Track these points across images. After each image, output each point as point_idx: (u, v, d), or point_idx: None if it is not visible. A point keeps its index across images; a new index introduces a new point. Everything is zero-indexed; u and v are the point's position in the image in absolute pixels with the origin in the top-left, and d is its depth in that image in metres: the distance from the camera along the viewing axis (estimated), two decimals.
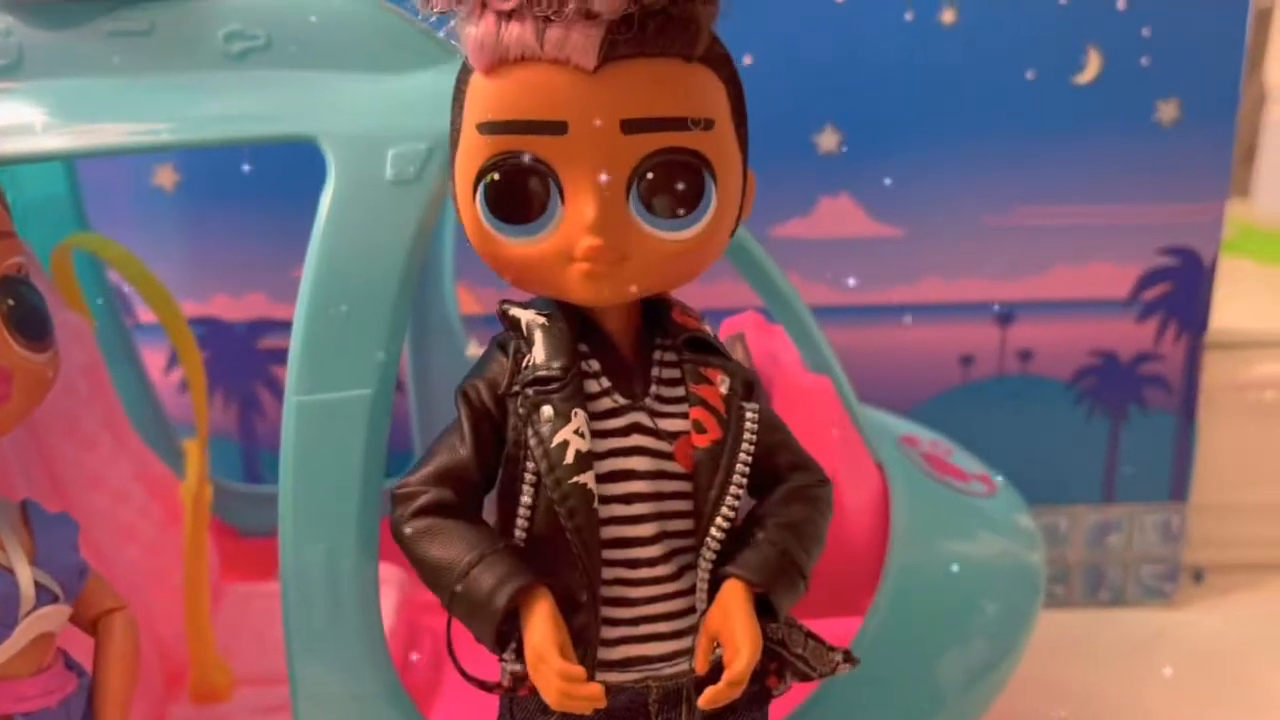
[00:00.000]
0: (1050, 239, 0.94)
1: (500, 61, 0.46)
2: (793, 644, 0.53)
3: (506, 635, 0.50)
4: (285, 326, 0.93)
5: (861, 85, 0.90)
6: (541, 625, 0.48)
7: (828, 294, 0.94)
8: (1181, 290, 0.96)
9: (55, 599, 0.51)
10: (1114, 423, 0.99)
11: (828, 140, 0.91)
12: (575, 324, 0.51)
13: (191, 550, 0.76)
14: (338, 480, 0.54)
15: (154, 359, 0.92)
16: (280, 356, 0.95)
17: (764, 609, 0.51)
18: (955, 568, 0.70)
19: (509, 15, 0.46)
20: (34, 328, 0.51)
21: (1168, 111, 0.91)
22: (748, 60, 0.88)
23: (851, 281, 0.93)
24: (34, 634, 0.50)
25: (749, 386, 0.53)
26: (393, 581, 0.86)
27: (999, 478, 0.81)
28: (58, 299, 0.75)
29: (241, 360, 0.95)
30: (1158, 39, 0.89)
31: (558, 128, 0.46)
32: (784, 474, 0.54)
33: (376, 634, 0.56)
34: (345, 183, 0.55)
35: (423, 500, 0.51)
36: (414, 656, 0.79)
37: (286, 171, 0.91)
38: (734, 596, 0.50)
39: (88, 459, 0.75)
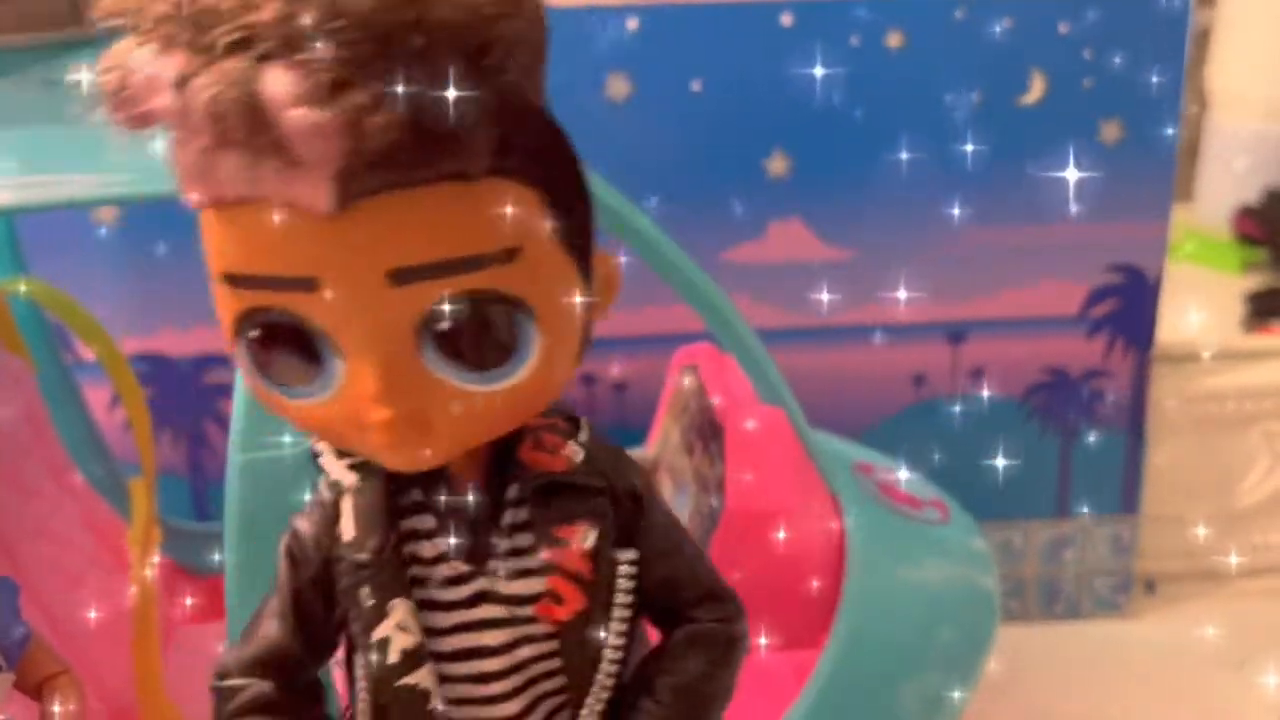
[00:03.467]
0: (999, 258, 0.95)
1: (213, 198, 0.36)
2: None
3: None
4: (232, 360, 0.93)
5: (810, 110, 0.90)
6: None
7: (781, 317, 0.95)
8: (1129, 307, 0.97)
9: None
10: (1065, 438, 1.00)
11: (777, 165, 0.92)
12: (388, 486, 0.42)
13: (139, 595, 0.75)
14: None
15: (97, 396, 0.90)
16: (227, 390, 0.95)
17: None
18: (912, 596, 0.70)
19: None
20: None
21: (1111, 132, 0.92)
22: (696, 86, 0.88)
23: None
24: None
25: (634, 499, 0.44)
26: None
27: (952, 502, 0.81)
28: None
29: (188, 396, 0.93)
30: (1099, 61, 0.90)
31: (303, 284, 0.36)
32: (687, 609, 0.45)
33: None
34: None
35: (242, 699, 0.43)
36: None
37: None
38: None
39: (31, 508, 0.74)
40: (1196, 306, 1.15)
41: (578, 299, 0.39)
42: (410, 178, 0.34)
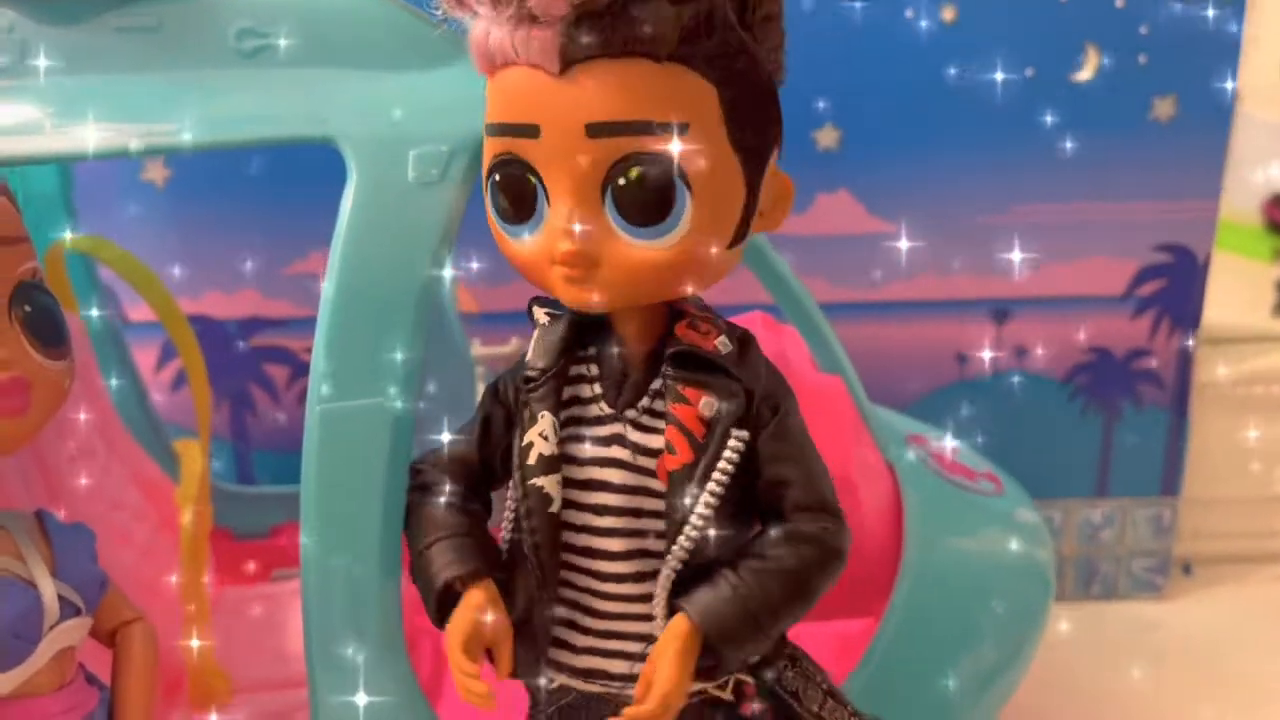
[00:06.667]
0: (1046, 236, 0.94)
1: (491, 65, 0.48)
2: (808, 700, 0.52)
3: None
4: (278, 324, 0.93)
5: (861, 82, 0.90)
6: (459, 616, 0.50)
7: (827, 289, 0.94)
8: (1175, 286, 0.96)
9: (78, 611, 0.50)
10: (1108, 418, 0.99)
11: (827, 137, 0.91)
12: (575, 327, 0.51)
13: (189, 554, 0.75)
14: (361, 488, 0.53)
15: (144, 357, 0.90)
16: (273, 354, 0.95)
17: None
18: (969, 567, 0.70)
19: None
20: (52, 335, 0.50)
21: (1164, 109, 0.92)
22: None
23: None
24: (58, 648, 0.49)
25: (773, 410, 0.50)
26: None
27: (1005, 475, 0.81)
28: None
29: (234, 358, 0.93)
30: (1155, 37, 0.89)
31: (531, 130, 0.47)
32: (792, 511, 0.50)
33: (398, 645, 0.55)
34: (366, 185, 0.54)
35: (419, 479, 0.53)
36: None
37: (279, 166, 0.89)
38: (674, 631, 0.48)
39: (82, 464, 0.74)
40: (1229, 292, 1.14)
41: (739, 196, 0.47)
42: (615, 49, 0.44)
